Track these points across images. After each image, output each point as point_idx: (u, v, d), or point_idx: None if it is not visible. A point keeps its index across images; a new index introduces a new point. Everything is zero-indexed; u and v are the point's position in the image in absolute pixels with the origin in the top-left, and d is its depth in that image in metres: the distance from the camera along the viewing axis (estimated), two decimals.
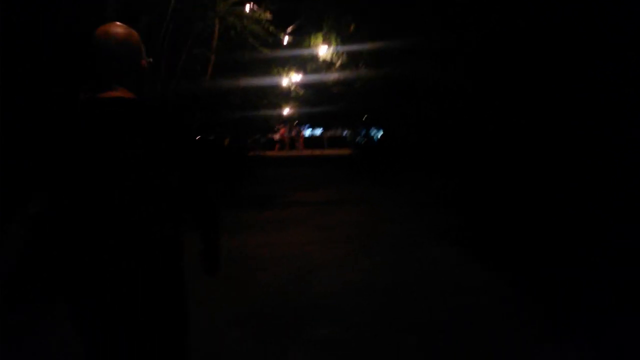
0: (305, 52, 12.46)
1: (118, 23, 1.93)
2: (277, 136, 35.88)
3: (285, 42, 11.44)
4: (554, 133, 7.17)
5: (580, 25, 6.39)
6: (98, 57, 1.87)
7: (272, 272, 6.10)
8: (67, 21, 5.70)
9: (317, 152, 34.28)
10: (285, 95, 15.53)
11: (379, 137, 31.18)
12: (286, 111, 21.19)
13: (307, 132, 40.77)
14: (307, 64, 13.37)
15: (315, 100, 20.09)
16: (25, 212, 1.78)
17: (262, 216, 10.14)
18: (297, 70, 13.81)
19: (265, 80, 12.66)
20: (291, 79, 13.67)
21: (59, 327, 4.06)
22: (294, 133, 37.22)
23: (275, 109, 17.92)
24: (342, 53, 12.00)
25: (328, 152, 34.38)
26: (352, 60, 12.18)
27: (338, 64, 12.35)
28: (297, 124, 34.28)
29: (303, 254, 6.95)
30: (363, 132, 32.78)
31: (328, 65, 12.93)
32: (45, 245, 1.81)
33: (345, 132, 39.82)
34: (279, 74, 12.82)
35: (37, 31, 5.48)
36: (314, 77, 14.03)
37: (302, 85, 14.78)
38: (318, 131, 41.06)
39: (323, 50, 12.27)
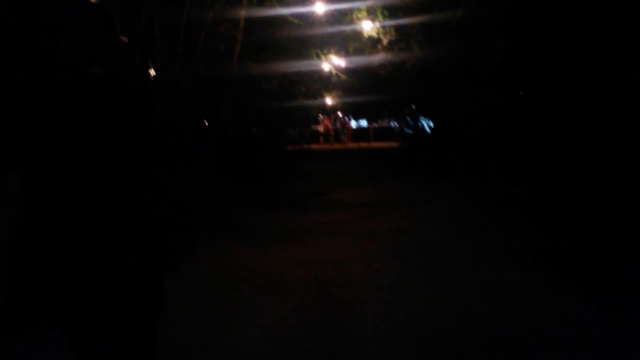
0: (346, 28, 10.83)
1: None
2: (320, 128, 34.39)
3: (322, 14, 9.86)
4: None
5: None
6: (65, 32, 1.78)
7: (296, 305, 4.60)
8: None
9: (364, 144, 32.69)
10: (325, 82, 13.94)
11: (428, 127, 29.38)
12: (328, 100, 19.59)
13: (353, 124, 39.08)
14: (348, 43, 11.71)
15: (360, 86, 18.42)
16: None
17: (296, 221, 8.66)
18: (338, 52, 12.19)
19: (302, 64, 11.15)
20: (331, 61, 12.06)
21: None
22: (338, 125, 35.59)
23: (316, 97, 16.43)
24: (390, 28, 10.34)
25: (375, 144, 32.71)
26: (401, 37, 10.49)
27: (385, 41, 10.68)
28: (342, 115, 32.64)
29: (341, 277, 5.42)
30: (411, 123, 30.99)
31: (373, 43, 11.26)
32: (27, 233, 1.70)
33: (392, 123, 38.08)
34: (317, 56, 11.31)
35: None
36: (357, 60, 12.33)
37: (344, 70, 13.10)
38: (363, 123, 39.32)
39: (367, 26, 10.62)
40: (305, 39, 10.51)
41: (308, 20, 10.24)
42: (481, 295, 4.70)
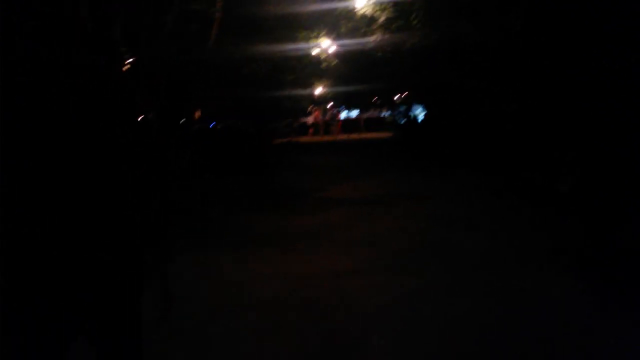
0: (338, 5, 9.69)
1: None
2: (310, 120, 33.37)
3: None
4: None
5: None
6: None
7: (280, 338, 3.60)
8: None
9: (354, 136, 31.73)
10: (315, 68, 12.87)
11: (421, 116, 28.38)
12: (318, 90, 18.54)
13: (343, 115, 38.06)
14: (340, 23, 10.56)
15: (352, 73, 17.33)
16: None
17: (284, 223, 7.66)
18: (329, 34, 11.07)
19: (290, 49, 10.09)
20: (321, 45, 10.96)
21: None
22: (328, 116, 34.57)
23: (305, 86, 15.34)
24: (387, 4, 9.24)
25: (366, 135, 31.79)
26: (400, 14, 9.37)
27: (381, 18, 9.58)
28: (332, 105, 31.59)
29: (337, 295, 4.42)
30: (403, 112, 29.96)
31: (368, 22, 10.16)
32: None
33: (383, 113, 37.04)
34: (307, 40, 10.25)
35: None
36: (349, 42, 11.20)
37: (336, 54, 11.97)
38: (354, 113, 38.36)
39: (361, 3, 9.48)
40: (293, 19, 9.46)
41: None
42: (516, 315, 3.72)
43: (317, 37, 10.41)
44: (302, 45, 10.24)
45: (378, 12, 9.30)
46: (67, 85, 1.61)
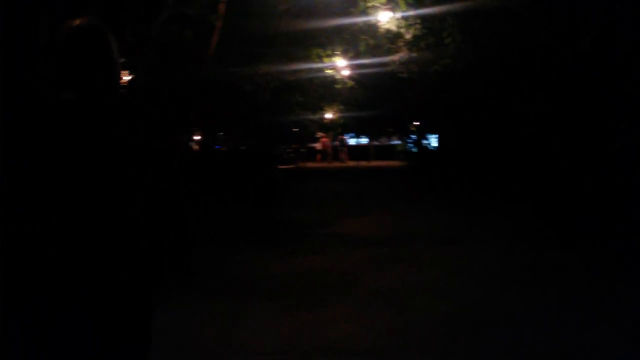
0: (357, 20, 8.58)
1: (85, 18, 1.75)
2: (318, 145, 32.32)
3: (326, 2, 7.74)
4: None
5: None
6: (63, 54, 1.69)
7: None
8: None
9: (364, 163, 30.58)
10: (327, 89, 11.74)
11: (434, 145, 27.16)
12: (328, 114, 17.48)
13: (352, 141, 37.04)
14: (359, 39, 9.39)
15: (367, 97, 16.23)
16: None
17: (282, 267, 6.44)
18: (345, 52, 9.92)
19: (300, 67, 9.02)
20: (336, 64, 9.83)
21: None
22: (337, 142, 33.54)
23: (314, 110, 14.28)
24: (416, 20, 8.12)
25: (375, 163, 30.62)
26: (430, 30, 8.23)
27: (409, 36, 8.43)
28: (341, 131, 30.61)
29: None
30: (416, 140, 28.78)
31: (392, 39, 9.00)
32: None
33: (394, 141, 35.87)
34: (319, 58, 9.16)
35: None
36: (369, 62, 9.97)
37: (351, 75, 10.83)
38: (364, 140, 37.35)
39: (385, 17, 8.38)
40: (305, 35, 8.41)
41: (308, 10, 8.16)
42: None
43: (331, 55, 9.31)
44: (314, 64, 9.16)
45: (404, 28, 8.18)
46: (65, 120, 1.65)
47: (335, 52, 9.26)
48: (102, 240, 1.62)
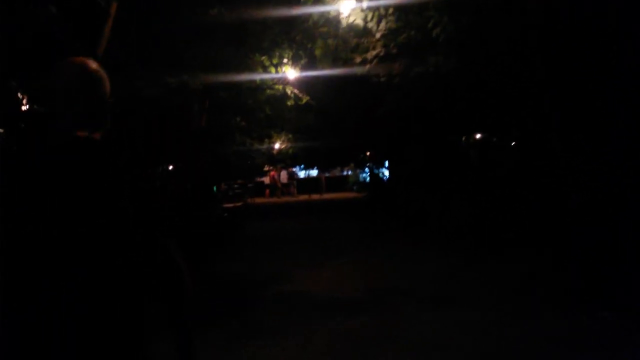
0: (312, 10, 6.51)
1: (84, 58, 1.77)
2: (267, 179, 30.18)
3: None
4: None
5: None
6: (59, 94, 1.72)
7: None
8: None
9: (316, 196, 28.68)
10: (276, 109, 9.65)
11: (386, 174, 25.78)
12: (277, 144, 15.48)
13: (302, 174, 35.11)
14: (315, 39, 7.34)
15: (323, 120, 14.32)
16: None
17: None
18: (296, 60, 7.85)
19: (238, 79, 6.99)
20: (285, 76, 7.73)
21: None
22: (286, 176, 31.51)
23: (262, 139, 12.24)
24: (389, 9, 6.19)
25: (328, 196, 28.76)
26: (407, 24, 6.30)
27: (379, 33, 6.44)
28: (290, 163, 28.62)
29: None
30: (370, 169, 27.31)
31: (359, 36, 7.02)
32: None
33: (345, 172, 34.28)
34: (264, 67, 7.17)
35: None
36: (329, 71, 7.84)
37: (303, 87, 8.69)
38: (313, 172, 35.50)
39: (347, 8, 6.38)
40: (243, 34, 6.39)
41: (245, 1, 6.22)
42: None
43: (278, 64, 7.29)
44: (256, 74, 7.13)
45: (373, 22, 6.28)
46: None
47: (284, 61, 7.24)
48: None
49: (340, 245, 10.73)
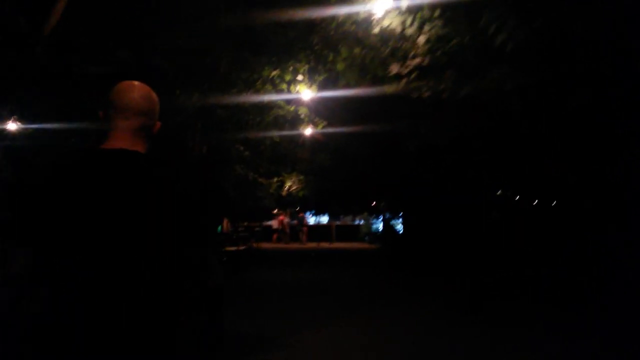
0: (334, 12, 5.13)
1: (140, 83, 1.89)
2: (275, 224, 28.68)
3: None
4: None
5: None
6: (118, 109, 1.81)
7: None
8: None
9: (325, 244, 27.12)
10: (286, 141, 8.28)
11: (399, 224, 24.29)
12: (287, 185, 14.15)
13: (312, 220, 33.56)
14: (337, 49, 5.92)
15: (338, 160, 12.97)
16: (5, 272, 1.93)
17: None
18: (312, 76, 6.37)
19: (240, 99, 5.69)
20: (299, 94, 6.26)
21: None
22: (295, 221, 30.01)
23: (269, 175, 10.92)
24: (436, 12, 4.74)
25: (337, 245, 27.18)
26: (459, 28, 4.77)
27: (423, 36, 4.98)
28: (299, 209, 27.18)
29: None
30: (385, 219, 25.80)
31: (394, 44, 5.49)
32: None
33: (357, 220, 32.70)
34: (272, 85, 5.89)
35: None
36: (348, 92, 6.30)
37: (322, 112, 7.19)
38: (323, 219, 33.96)
39: (381, 8, 4.92)
40: (252, 38, 5.14)
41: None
42: None
43: (291, 81, 5.96)
44: (262, 94, 5.82)
45: (414, 27, 4.81)
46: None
47: (297, 78, 5.90)
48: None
49: (348, 303, 9.23)
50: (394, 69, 4.97)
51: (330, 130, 7.25)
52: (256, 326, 7.29)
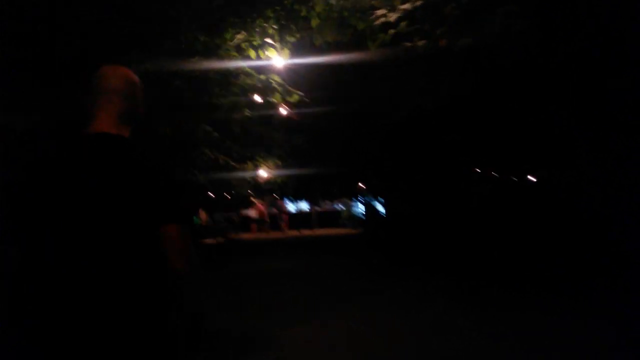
0: None
1: (124, 67, 1.92)
2: (253, 213, 27.88)
3: None
4: None
5: None
6: (101, 92, 1.83)
7: None
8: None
9: (307, 232, 26.51)
10: (257, 125, 7.53)
11: (380, 207, 23.62)
12: (263, 172, 13.36)
13: (292, 207, 32.78)
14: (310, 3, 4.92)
15: (313, 139, 12.25)
16: None
17: None
18: (283, 39, 5.43)
19: (202, 65, 4.91)
20: (270, 60, 5.34)
21: None
22: (275, 209, 29.25)
23: (242, 160, 10.12)
24: None
25: (320, 232, 26.58)
26: None
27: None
28: (280, 195, 26.41)
29: None
30: (366, 202, 25.12)
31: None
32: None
33: (338, 206, 32.05)
34: (239, 51, 5.08)
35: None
36: (328, 58, 5.47)
37: (296, 83, 6.24)
38: (304, 205, 33.19)
39: None
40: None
41: None
42: None
43: (260, 46, 5.16)
44: (227, 60, 5.02)
45: None
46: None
47: (266, 40, 5.08)
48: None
49: (334, 294, 8.58)
50: (380, 13, 4.20)
51: (307, 105, 6.45)
52: (240, 322, 6.61)
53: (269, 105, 6.38)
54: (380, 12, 4.28)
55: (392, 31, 4.38)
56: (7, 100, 4.00)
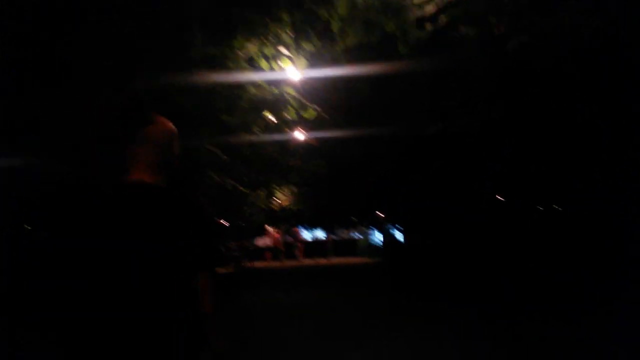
0: None
1: (161, 116, 1.94)
2: (268, 241, 27.13)
3: None
4: None
5: None
6: (138, 142, 1.86)
7: None
8: None
9: (323, 261, 25.66)
10: (272, 151, 6.81)
11: (399, 236, 22.79)
12: (279, 199, 12.67)
13: (307, 235, 31.91)
14: (333, 1, 3.72)
15: (336, 165, 11.55)
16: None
17: None
18: (299, 47, 4.82)
19: (211, 79, 4.30)
20: (284, 71, 4.66)
21: None
22: (290, 237, 28.47)
23: (254, 186, 9.47)
24: None
25: (336, 261, 25.71)
26: None
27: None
28: (295, 223, 25.63)
29: None
30: (385, 231, 24.28)
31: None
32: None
33: (355, 234, 31.17)
34: (250, 61, 4.47)
35: None
36: (345, 71, 4.95)
37: (313, 98, 5.54)
38: (320, 234, 32.29)
39: None
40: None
41: None
42: None
43: (272, 57, 4.51)
44: (237, 72, 4.40)
45: None
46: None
47: (279, 49, 4.42)
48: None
49: (355, 329, 7.80)
50: (417, 1, 3.48)
51: (324, 124, 5.80)
52: None
53: (283, 126, 5.75)
54: (417, 0, 3.56)
55: (429, 25, 3.66)
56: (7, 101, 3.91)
